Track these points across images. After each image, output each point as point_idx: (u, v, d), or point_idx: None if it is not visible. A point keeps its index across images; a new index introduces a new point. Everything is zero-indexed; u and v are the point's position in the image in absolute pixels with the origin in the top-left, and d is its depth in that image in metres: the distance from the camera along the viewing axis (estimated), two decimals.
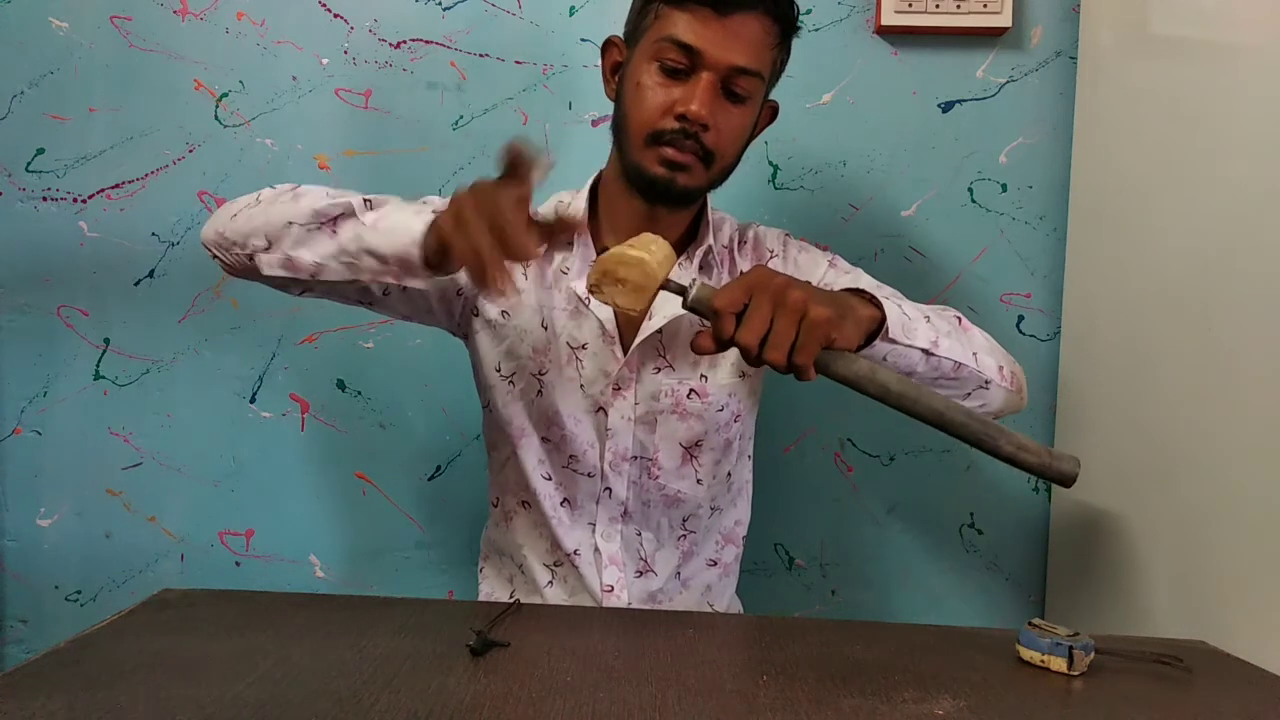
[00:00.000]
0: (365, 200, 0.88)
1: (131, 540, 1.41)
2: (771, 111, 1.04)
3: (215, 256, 0.94)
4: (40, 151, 1.38)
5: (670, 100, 0.93)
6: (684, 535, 1.08)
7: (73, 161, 1.38)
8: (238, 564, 1.41)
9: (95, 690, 0.68)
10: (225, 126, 1.38)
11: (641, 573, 1.06)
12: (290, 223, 0.87)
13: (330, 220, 0.87)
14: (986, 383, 0.96)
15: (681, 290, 0.79)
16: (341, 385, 1.40)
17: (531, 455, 1.04)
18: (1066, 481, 0.78)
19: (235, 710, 0.65)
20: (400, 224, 0.84)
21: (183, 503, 1.41)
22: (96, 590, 1.42)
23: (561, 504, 1.05)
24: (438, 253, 0.81)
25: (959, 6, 1.31)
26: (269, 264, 0.89)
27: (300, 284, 0.91)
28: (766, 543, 1.41)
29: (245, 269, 0.92)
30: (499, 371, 1.04)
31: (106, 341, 1.40)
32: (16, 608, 1.42)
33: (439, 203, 1.04)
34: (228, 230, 0.91)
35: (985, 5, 1.31)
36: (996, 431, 0.78)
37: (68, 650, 0.76)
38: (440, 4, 1.38)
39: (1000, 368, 0.97)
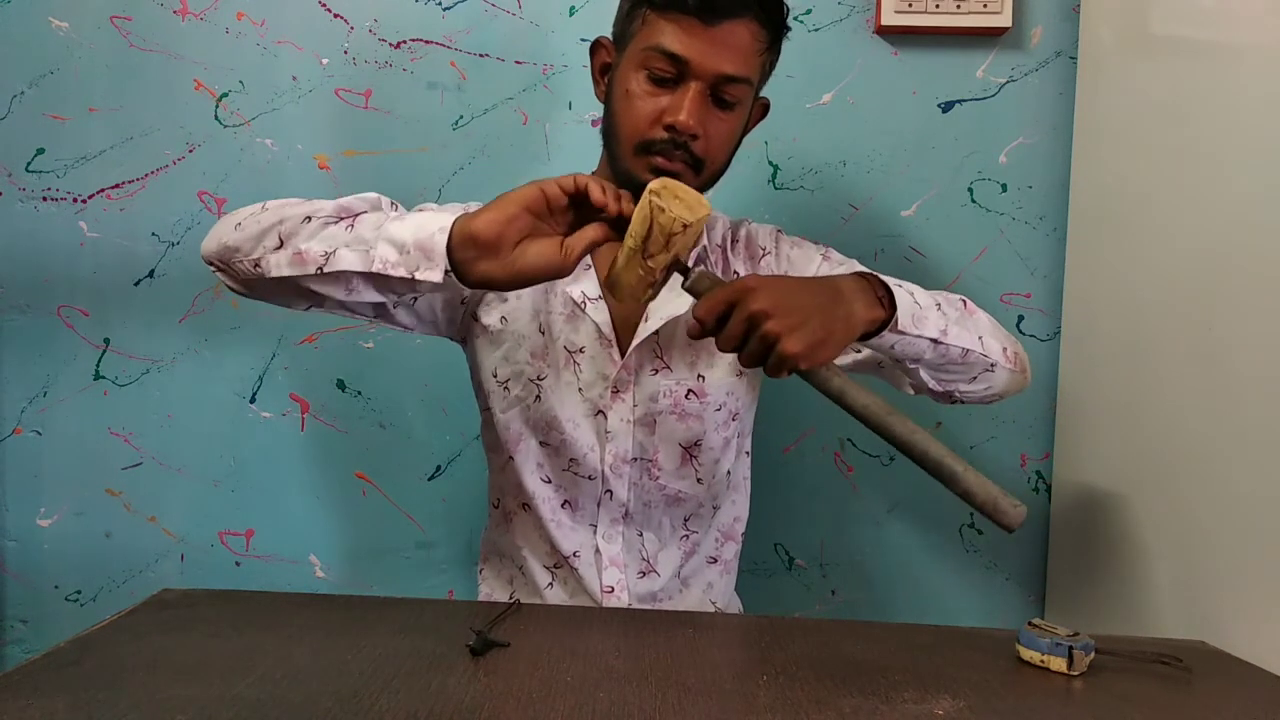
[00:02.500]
0: (393, 202, 0.88)
1: (131, 540, 1.41)
2: (762, 109, 1.04)
3: (218, 270, 0.90)
4: (40, 151, 1.38)
5: (659, 110, 0.93)
6: (686, 535, 1.08)
7: (73, 161, 1.38)
8: (238, 564, 1.41)
9: (95, 690, 0.68)
10: (225, 126, 1.38)
11: (644, 573, 1.06)
12: (310, 217, 0.83)
13: (352, 215, 0.84)
14: (992, 366, 0.96)
15: (685, 271, 0.81)
16: (341, 385, 1.40)
17: (530, 459, 1.04)
18: (1006, 528, 0.78)
19: (235, 710, 0.65)
20: (428, 217, 0.81)
21: (183, 503, 1.41)
22: (96, 590, 1.42)
23: (562, 506, 1.05)
24: (478, 222, 0.78)
25: (959, 6, 1.31)
26: (277, 263, 0.84)
27: (306, 294, 0.86)
28: (766, 542, 1.41)
29: (249, 277, 0.87)
30: (495, 377, 1.04)
31: (106, 341, 1.40)
32: (16, 608, 1.42)
33: (435, 209, 1.03)
34: (231, 239, 0.86)
35: (985, 5, 1.31)
36: (953, 467, 0.77)
37: (68, 650, 0.76)
38: (440, 4, 1.38)
39: (1004, 349, 0.98)
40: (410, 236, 0.80)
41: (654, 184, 0.78)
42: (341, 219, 0.84)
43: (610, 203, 0.79)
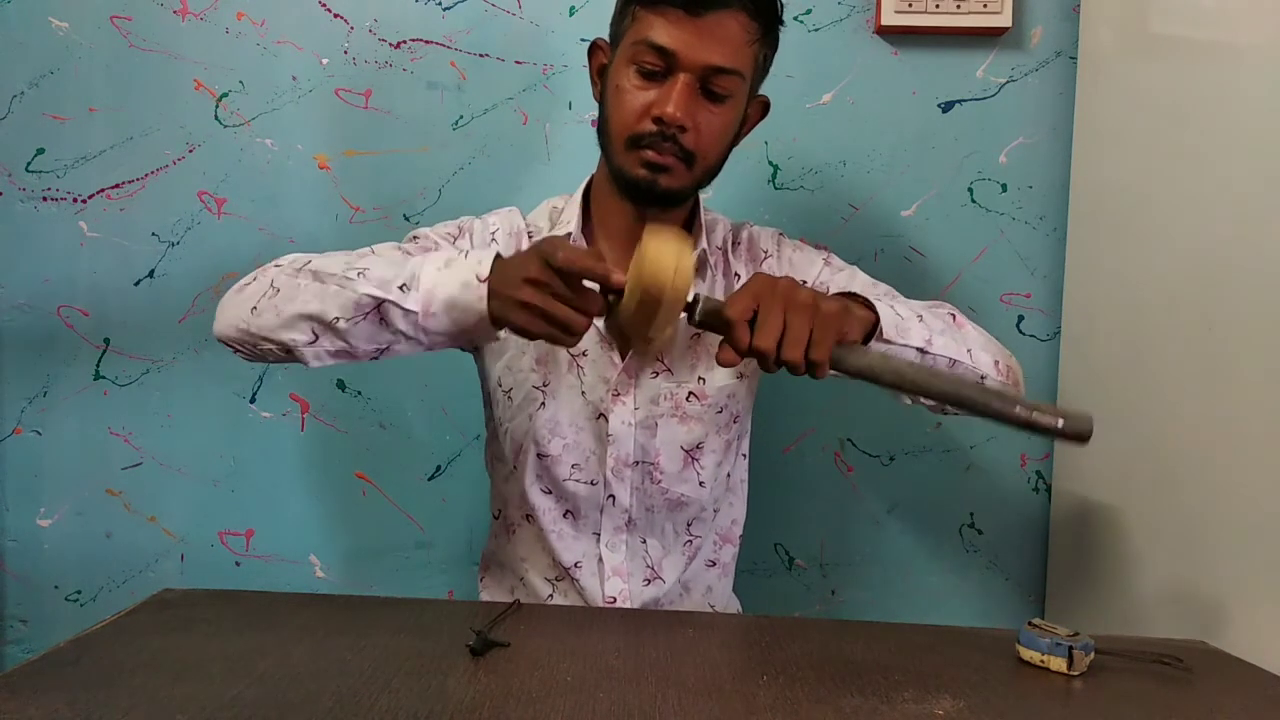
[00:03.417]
0: (402, 285, 0.83)
1: (131, 540, 1.41)
2: (762, 107, 1.04)
3: (237, 350, 0.91)
4: (40, 151, 1.38)
5: (647, 103, 0.93)
6: (689, 540, 1.07)
7: (73, 161, 1.38)
8: (238, 564, 1.41)
9: (95, 690, 0.68)
10: (225, 126, 1.38)
11: (649, 581, 1.05)
12: (336, 318, 0.83)
13: (375, 310, 0.83)
14: (982, 378, 0.96)
15: (688, 307, 0.79)
16: (341, 385, 1.40)
17: (531, 469, 1.04)
18: (1080, 440, 0.79)
19: (235, 710, 0.65)
20: (456, 300, 0.81)
21: (183, 503, 1.41)
22: (96, 590, 1.42)
23: (564, 516, 1.05)
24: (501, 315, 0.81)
25: (959, 6, 1.31)
26: (316, 355, 0.85)
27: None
28: (766, 543, 1.41)
29: (279, 359, 0.89)
30: (500, 386, 1.04)
31: (106, 341, 1.40)
32: (16, 608, 1.42)
33: (426, 232, 1.03)
34: (253, 326, 0.86)
35: (985, 5, 1.31)
36: (1011, 399, 0.80)
37: (68, 650, 0.76)
38: (440, 4, 1.38)
39: (996, 362, 0.97)
40: (458, 329, 0.83)
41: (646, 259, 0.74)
42: (366, 315, 0.84)
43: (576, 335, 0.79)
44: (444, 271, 0.82)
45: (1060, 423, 0.79)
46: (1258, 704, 0.75)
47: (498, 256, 0.82)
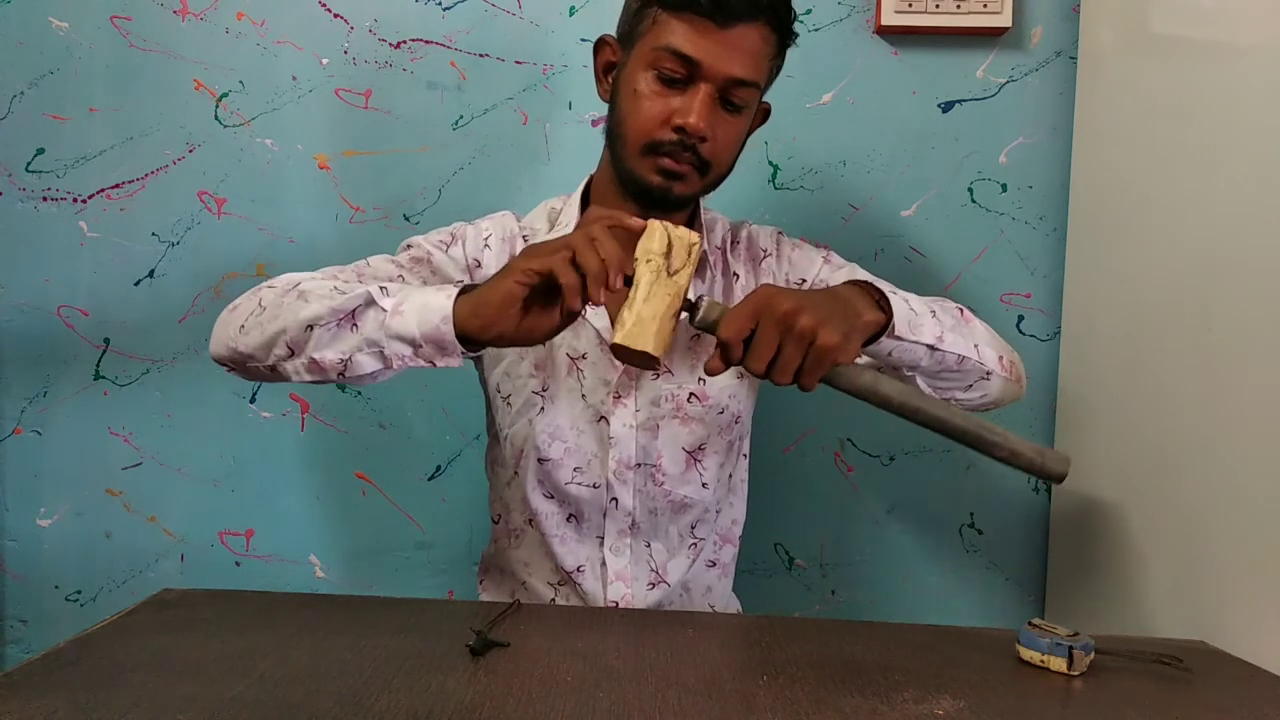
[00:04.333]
0: (381, 288, 0.83)
1: (131, 540, 1.41)
2: (763, 114, 1.04)
3: (231, 370, 0.91)
4: (40, 151, 1.38)
5: (668, 111, 0.93)
6: (694, 543, 1.07)
7: (73, 161, 1.38)
8: (238, 564, 1.41)
9: (95, 690, 0.68)
10: (225, 126, 1.38)
11: (654, 585, 1.05)
12: (311, 325, 0.82)
13: (349, 314, 0.82)
14: (988, 374, 0.96)
15: (691, 308, 0.80)
16: (342, 385, 1.40)
17: (533, 474, 1.03)
18: (1056, 479, 0.82)
19: (235, 710, 0.65)
20: (426, 302, 0.80)
21: (183, 503, 1.41)
22: (96, 590, 1.42)
23: (567, 520, 1.04)
24: (476, 321, 0.78)
25: (959, 6, 1.31)
26: (295, 371, 0.84)
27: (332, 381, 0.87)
28: (766, 543, 1.41)
29: (269, 379, 0.88)
30: (499, 392, 1.04)
31: (106, 341, 1.40)
32: (16, 608, 1.42)
33: (419, 241, 1.03)
34: (241, 345, 0.87)
35: (985, 5, 1.31)
36: (993, 435, 0.81)
37: (68, 650, 0.76)
38: (440, 4, 1.38)
39: (1000, 358, 0.98)
40: (417, 330, 0.80)
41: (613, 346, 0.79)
42: (341, 320, 0.82)
43: (591, 296, 0.76)
44: (429, 288, 0.83)
45: (1039, 462, 0.80)
46: (1258, 704, 0.76)
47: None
